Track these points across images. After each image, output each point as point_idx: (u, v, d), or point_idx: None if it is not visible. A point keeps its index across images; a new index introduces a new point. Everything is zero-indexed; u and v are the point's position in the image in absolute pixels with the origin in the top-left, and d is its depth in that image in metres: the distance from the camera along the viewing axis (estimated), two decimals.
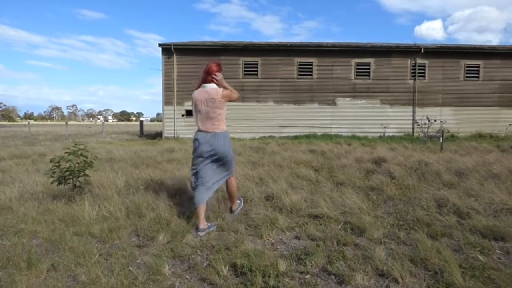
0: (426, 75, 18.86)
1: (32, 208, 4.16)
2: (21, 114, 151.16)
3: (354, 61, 18.80)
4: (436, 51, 18.83)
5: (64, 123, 30.10)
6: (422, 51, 18.40)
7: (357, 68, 18.83)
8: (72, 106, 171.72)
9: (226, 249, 3.03)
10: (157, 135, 20.74)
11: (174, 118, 18.74)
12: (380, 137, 17.97)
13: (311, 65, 18.79)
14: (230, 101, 3.79)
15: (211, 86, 3.69)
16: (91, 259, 2.77)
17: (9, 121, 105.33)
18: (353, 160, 7.86)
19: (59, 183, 4.45)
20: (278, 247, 3.16)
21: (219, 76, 3.71)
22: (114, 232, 3.37)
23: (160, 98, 18.90)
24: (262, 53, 18.75)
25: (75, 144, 4.71)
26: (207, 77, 3.71)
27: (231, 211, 4.10)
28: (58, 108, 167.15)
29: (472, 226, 3.49)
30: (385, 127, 18.62)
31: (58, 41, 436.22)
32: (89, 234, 3.38)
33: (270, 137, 17.23)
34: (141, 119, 28.77)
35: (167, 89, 18.70)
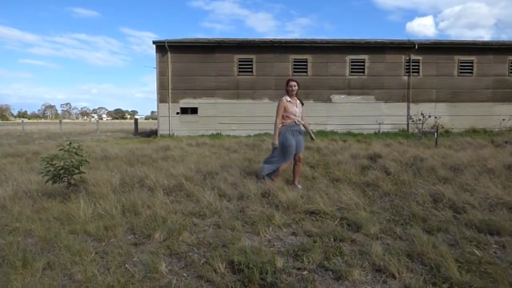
0: (420, 71, 18.94)
1: (27, 206, 4.13)
2: (15, 113, 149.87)
3: (349, 57, 18.83)
4: (430, 47, 18.91)
5: (58, 121, 29.88)
6: (416, 47, 18.47)
7: (352, 65, 18.87)
8: (66, 104, 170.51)
9: (223, 246, 3.02)
10: (152, 133, 20.65)
11: (169, 116, 18.66)
12: (375, 133, 18.04)
13: (306, 62, 18.81)
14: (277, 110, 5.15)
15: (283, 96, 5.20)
16: (87, 258, 2.74)
17: (2, 120, 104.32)
18: (349, 156, 7.88)
19: (54, 182, 4.41)
20: (275, 243, 3.16)
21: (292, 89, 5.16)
22: (110, 230, 3.35)
23: (154, 96, 18.82)
24: (257, 50, 18.72)
25: (69, 143, 4.66)
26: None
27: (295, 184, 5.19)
28: (52, 107, 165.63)
29: (468, 220, 3.51)
30: (380, 123, 18.68)
31: (52, 40, 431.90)
32: (85, 232, 3.35)
33: (266, 134, 17.21)
34: (136, 117, 28.65)
35: (162, 86, 18.60)
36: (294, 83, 5.15)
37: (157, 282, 2.45)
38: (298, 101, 5.28)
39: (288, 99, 5.15)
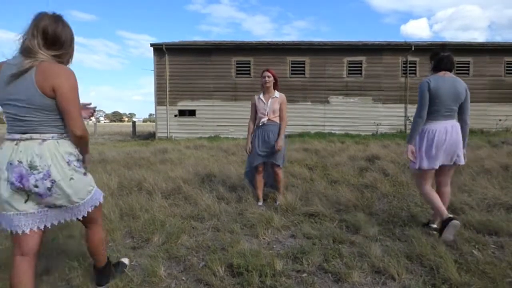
0: (417, 72, 19.02)
1: None
2: None
3: (346, 59, 18.89)
4: (426, 48, 18.94)
5: None
6: (413, 48, 18.56)
7: (349, 66, 18.93)
8: None
9: (222, 249, 3.01)
10: (150, 136, 20.61)
11: (167, 119, 18.64)
12: (373, 134, 18.07)
13: (304, 63, 18.85)
14: None
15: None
16: (85, 262, 2.73)
17: None
18: (347, 158, 7.88)
19: None
20: (274, 246, 3.15)
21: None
22: (108, 234, 3.33)
23: (152, 98, 18.82)
24: (255, 52, 18.75)
25: None
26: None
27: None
28: None
29: (466, 221, 3.51)
30: (377, 125, 18.73)
31: None
32: (83, 236, 3.33)
33: None
34: (134, 119, 28.57)
35: (160, 89, 18.58)
36: (267, 74, 4.34)
37: (156, 286, 2.44)
38: (274, 96, 4.40)
39: (260, 95, 4.46)
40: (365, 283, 2.45)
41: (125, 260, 2.67)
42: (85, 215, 2.05)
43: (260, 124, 4.36)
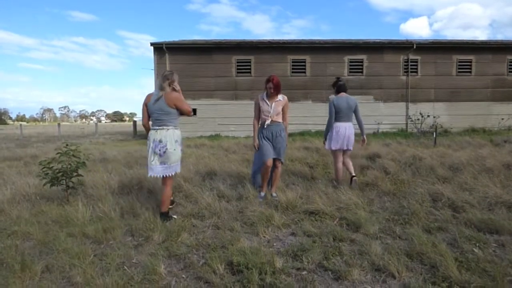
0: (419, 70, 18.95)
1: (25, 210, 4.11)
2: (13, 117, 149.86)
3: (347, 57, 18.84)
4: (428, 47, 18.92)
5: (56, 124, 29.85)
6: (415, 47, 18.48)
7: (350, 65, 18.87)
8: (64, 107, 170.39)
9: (222, 247, 3.01)
10: None
11: None
12: (374, 133, 18.03)
13: (304, 62, 18.81)
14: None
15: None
16: (85, 260, 2.73)
17: (0, 124, 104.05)
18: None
19: (52, 185, 4.40)
20: (274, 244, 3.15)
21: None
22: (109, 232, 3.34)
23: None
24: (255, 51, 18.72)
25: (66, 145, 4.64)
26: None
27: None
28: (50, 110, 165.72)
29: (467, 220, 3.51)
30: (378, 123, 18.67)
31: (50, 43, 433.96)
32: (83, 235, 3.34)
33: None
34: (135, 119, 28.55)
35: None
36: (272, 86, 4.56)
37: (156, 284, 2.44)
38: (277, 100, 4.66)
39: (264, 97, 4.69)
40: (365, 281, 2.45)
41: (174, 215, 3.96)
42: (172, 174, 3.81)
43: (265, 126, 4.61)
